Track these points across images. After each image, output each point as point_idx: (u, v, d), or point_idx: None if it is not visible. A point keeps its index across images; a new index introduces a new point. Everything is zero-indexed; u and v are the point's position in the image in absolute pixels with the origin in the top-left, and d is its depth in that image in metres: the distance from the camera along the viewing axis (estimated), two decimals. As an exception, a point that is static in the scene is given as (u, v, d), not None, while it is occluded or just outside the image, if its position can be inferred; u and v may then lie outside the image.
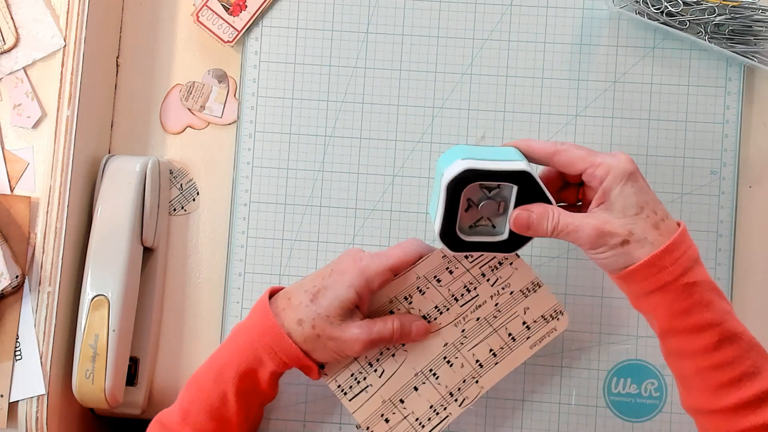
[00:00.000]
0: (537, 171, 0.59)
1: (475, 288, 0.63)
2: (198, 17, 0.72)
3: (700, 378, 0.56)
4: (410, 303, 0.63)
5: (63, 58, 0.67)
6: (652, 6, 0.68)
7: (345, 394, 0.63)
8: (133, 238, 0.67)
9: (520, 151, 0.59)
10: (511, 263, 0.63)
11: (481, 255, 0.63)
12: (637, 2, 0.69)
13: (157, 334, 0.72)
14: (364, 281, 0.60)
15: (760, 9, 0.67)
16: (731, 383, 0.54)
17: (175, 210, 0.73)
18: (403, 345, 0.63)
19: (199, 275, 0.73)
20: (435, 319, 0.63)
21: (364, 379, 0.63)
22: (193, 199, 0.73)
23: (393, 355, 0.63)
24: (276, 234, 0.72)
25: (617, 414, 0.69)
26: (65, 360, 0.67)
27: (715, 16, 0.67)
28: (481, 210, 0.59)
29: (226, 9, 0.72)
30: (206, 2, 0.72)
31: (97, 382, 0.65)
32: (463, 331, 0.63)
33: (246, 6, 0.72)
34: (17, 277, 0.65)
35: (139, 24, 0.74)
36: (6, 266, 0.64)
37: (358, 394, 0.63)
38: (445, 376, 0.63)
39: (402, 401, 0.63)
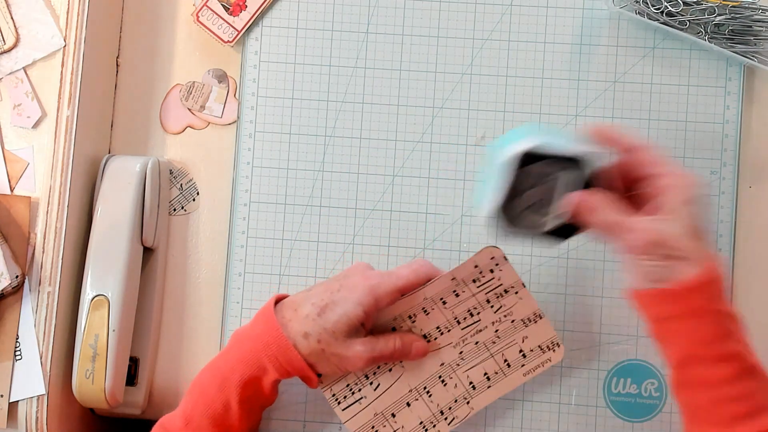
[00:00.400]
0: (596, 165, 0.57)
1: (478, 313, 0.64)
2: (198, 17, 0.72)
3: (714, 409, 0.55)
4: (413, 322, 0.64)
5: (63, 58, 0.67)
6: (652, 6, 0.68)
7: (339, 403, 0.64)
8: (133, 238, 0.67)
9: (600, 133, 0.57)
10: (516, 292, 0.64)
11: (489, 281, 0.63)
12: (637, 2, 0.69)
13: (157, 334, 0.72)
14: (373, 300, 0.60)
15: (760, 9, 0.67)
16: (747, 416, 0.54)
17: (175, 210, 0.73)
18: (401, 361, 0.64)
19: (199, 275, 0.73)
20: (435, 338, 0.64)
21: (359, 390, 0.64)
22: (193, 199, 0.73)
23: (390, 370, 0.64)
24: (276, 234, 0.72)
25: (617, 414, 0.69)
26: (65, 360, 0.67)
27: (715, 16, 0.67)
28: (531, 195, 0.57)
29: (226, 9, 0.72)
30: (206, 2, 0.72)
31: (97, 382, 0.65)
32: (461, 353, 0.64)
33: (246, 6, 0.72)
34: (17, 277, 0.65)
35: (139, 24, 0.74)
36: (6, 266, 0.64)
37: (351, 405, 0.64)
38: (438, 394, 0.64)
39: (393, 415, 0.64)
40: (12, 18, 0.68)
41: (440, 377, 0.64)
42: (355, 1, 0.72)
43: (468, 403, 0.64)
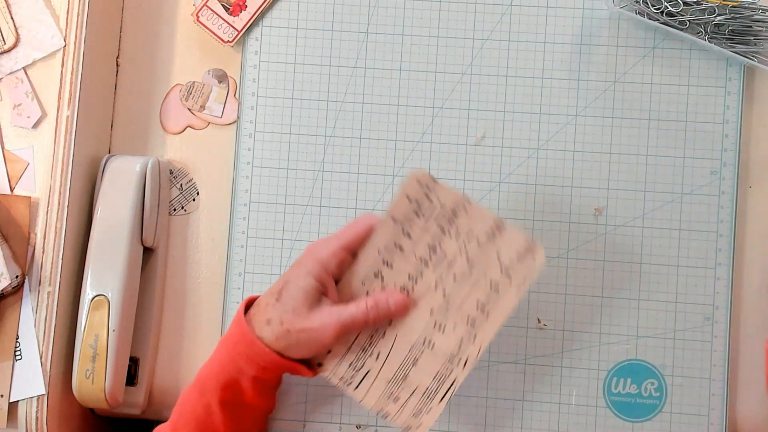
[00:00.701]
0: None
1: (440, 247, 0.62)
2: (198, 17, 0.72)
3: None
4: (382, 279, 0.62)
5: (63, 58, 0.67)
6: (652, 6, 0.68)
7: (349, 384, 0.63)
8: (133, 238, 0.67)
9: None
10: (465, 210, 0.61)
11: (431, 209, 0.62)
12: (637, 2, 0.69)
13: (157, 334, 0.72)
14: (320, 266, 0.60)
15: (760, 9, 0.67)
16: None
17: (175, 210, 0.73)
18: (390, 323, 0.63)
19: (199, 275, 0.73)
20: (413, 289, 0.62)
21: (363, 365, 0.63)
22: (193, 199, 0.73)
23: (383, 336, 0.63)
24: (276, 234, 0.72)
25: (617, 414, 0.69)
26: (65, 360, 0.67)
27: (715, 16, 0.67)
28: None
29: (226, 9, 0.72)
30: (206, 2, 0.72)
31: (97, 382, 0.65)
32: (444, 293, 0.62)
33: (246, 6, 0.72)
34: (17, 277, 0.65)
35: (139, 24, 0.74)
36: (6, 266, 0.64)
37: (361, 382, 0.63)
38: (440, 342, 0.62)
39: (406, 377, 0.62)
40: (12, 18, 0.68)
41: (435, 325, 0.62)
42: (355, 1, 0.72)
43: (474, 340, 0.62)
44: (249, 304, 0.63)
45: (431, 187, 0.61)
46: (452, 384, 0.62)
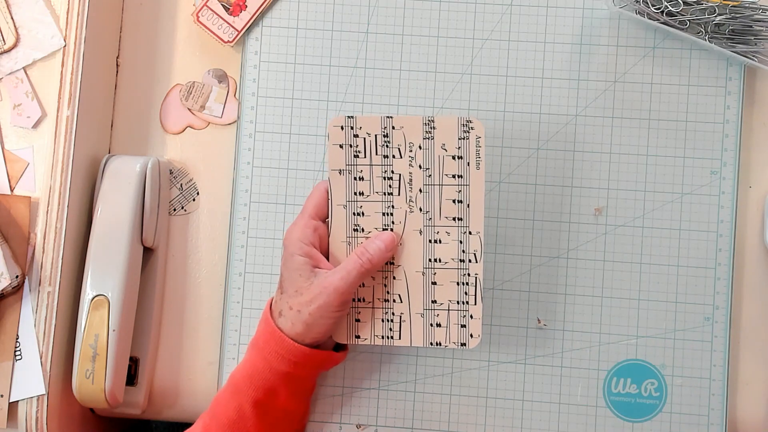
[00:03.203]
0: None
1: (393, 172, 0.63)
2: (198, 17, 0.72)
3: None
4: (363, 231, 0.63)
5: (63, 58, 0.67)
6: (652, 6, 0.68)
7: (391, 338, 0.64)
8: (133, 238, 0.67)
9: None
10: (393, 127, 0.63)
11: (364, 144, 0.63)
12: (637, 2, 0.69)
13: (157, 334, 0.72)
14: (299, 243, 0.62)
15: (760, 9, 0.67)
16: None
17: (175, 210, 0.73)
18: (392, 263, 0.63)
19: (199, 275, 0.73)
20: (392, 222, 0.63)
21: (393, 314, 0.64)
22: (193, 199, 0.73)
23: (394, 278, 0.64)
24: (276, 234, 0.72)
25: (617, 414, 0.69)
26: (65, 360, 0.67)
27: (716, 16, 0.67)
28: None
29: (226, 9, 0.72)
30: (206, 2, 0.72)
31: (97, 382, 0.65)
32: (420, 209, 0.63)
33: (246, 6, 0.72)
34: (17, 277, 0.65)
35: (139, 24, 0.74)
36: (6, 266, 0.64)
37: (401, 329, 0.64)
38: (443, 253, 0.63)
39: (434, 302, 0.63)
40: (12, 18, 0.68)
41: (430, 241, 0.63)
42: (355, 1, 0.72)
43: (469, 234, 0.63)
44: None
45: (353, 125, 0.63)
46: (476, 281, 0.63)
